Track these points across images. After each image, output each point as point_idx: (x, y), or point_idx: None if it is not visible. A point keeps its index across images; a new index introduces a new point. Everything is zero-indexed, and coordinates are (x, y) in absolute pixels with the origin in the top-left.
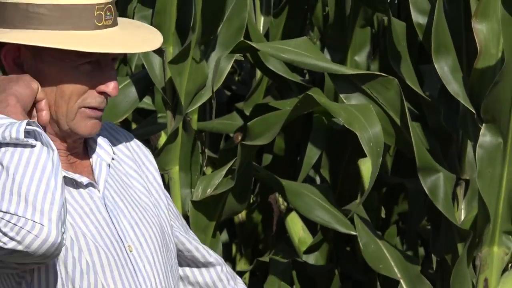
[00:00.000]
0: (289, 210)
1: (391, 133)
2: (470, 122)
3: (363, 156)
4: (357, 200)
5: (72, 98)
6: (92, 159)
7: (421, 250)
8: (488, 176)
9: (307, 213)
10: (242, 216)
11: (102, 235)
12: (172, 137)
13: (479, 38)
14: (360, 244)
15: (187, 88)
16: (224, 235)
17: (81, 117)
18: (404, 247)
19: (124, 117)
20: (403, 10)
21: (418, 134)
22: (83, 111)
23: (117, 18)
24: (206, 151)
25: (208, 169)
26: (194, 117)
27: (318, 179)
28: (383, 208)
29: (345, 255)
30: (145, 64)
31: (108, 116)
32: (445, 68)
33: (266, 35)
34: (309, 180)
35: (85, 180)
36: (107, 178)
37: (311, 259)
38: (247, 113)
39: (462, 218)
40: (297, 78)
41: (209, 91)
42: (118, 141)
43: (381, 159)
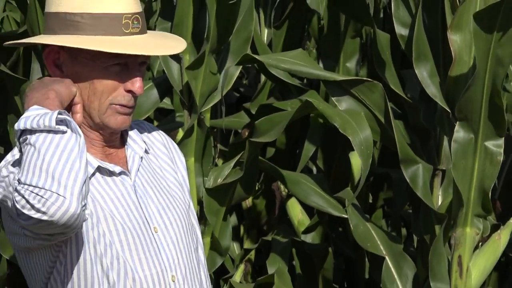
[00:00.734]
0: (289, 196)
1: (377, 130)
2: (446, 120)
3: (353, 150)
4: (348, 189)
5: (103, 95)
6: (127, 152)
7: (403, 231)
8: (461, 167)
9: (305, 199)
10: (249, 201)
11: (130, 217)
12: (188, 133)
13: (454, 48)
14: (351, 225)
15: (201, 90)
16: (233, 218)
17: (112, 112)
18: (388, 228)
19: (147, 115)
20: (387, 23)
21: (401, 131)
22: (113, 107)
23: (152, 30)
24: (218, 145)
25: (220, 161)
26: (207, 116)
27: (314, 169)
28: (370, 194)
29: (338, 235)
30: (165, 69)
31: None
32: (424, 73)
33: (270, 45)
34: (307, 170)
35: (118, 169)
36: (139, 169)
37: (308, 238)
38: (253, 112)
39: (439, 203)
40: (296, 82)
41: (220, 93)
42: (157, 140)
43: (371, 159)
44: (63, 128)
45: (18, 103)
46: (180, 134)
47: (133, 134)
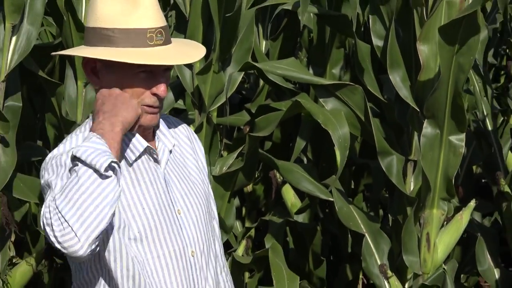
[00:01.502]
0: (284, 182)
1: (358, 127)
2: (416, 118)
3: None
4: (334, 176)
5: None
6: (158, 145)
7: (380, 212)
8: (429, 158)
9: (297, 184)
10: (249, 187)
11: (159, 200)
12: (198, 129)
13: (422, 57)
14: (336, 207)
15: (210, 93)
16: (236, 201)
17: (142, 112)
18: (368, 210)
19: (164, 114)
20: (367, 36)
21: (378, 127)
22: (143, 108)
23: (179, 38)
24: (223, 139)
25: (225, 153)
26: (214, 114)
27: (305, 160)
28: (352, 181)
29: (325, 215)
30: (178, 75)
31: None
32: (397, 78)
33: (267, 54)
34: (299, 160)
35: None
36: (168, 160)
37: (300, 218)
38: (253, 111)
39: (411, 188)
40: (290, 86)
41: (225, 95)
42: (182, 133)
43: (347, 151)
44: (109, 174)
45: (54, 103)
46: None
47: (163, 129)
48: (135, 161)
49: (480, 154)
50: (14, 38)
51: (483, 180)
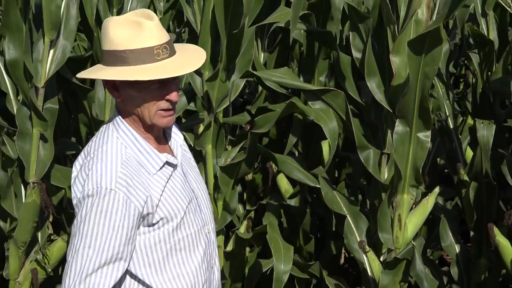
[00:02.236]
0: (278, 172)
1: (340, 125)
2: (389, 118)
3: (324, 139)
4: (321, 167)
5: (150, 106)
6: (171, 142)
7: (359, 197)
8: (400, 151)
9: (290, 174)
10: (250, 176)
11: (185, 192)
12: (207, 127)
13: (394, 66)
14: (322, 193)
15: (217, 97)
16: (239, 187)
17: (159, 117)
18: (349, 195)
19: (178, 115)
20: (348, 49)
21: (357, 125)
22: (159, 113)
23: (183, 44)
24: (228, 135)
25: (229, 147)
26: (220, 115)
27: (296, 153)
28: (336, 171)
29: (313, 200)
30: (190, 81)
31: None
32: (373, 85)
33: (265, 64)
34: (291, 153)
35: (174, 160)
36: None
37: (292, 202)
38: (253, 112)
39: (385, 177)
40: (283, 91)
41: (229, 99)
42: (177, 129)
43: (337, 141)
44: None
45: (85, 106)
46: (201, 128)
47: (174, 128)
48: (159, 170)
49: (443, 149)
50: (51, 51)
51: (445, 170)
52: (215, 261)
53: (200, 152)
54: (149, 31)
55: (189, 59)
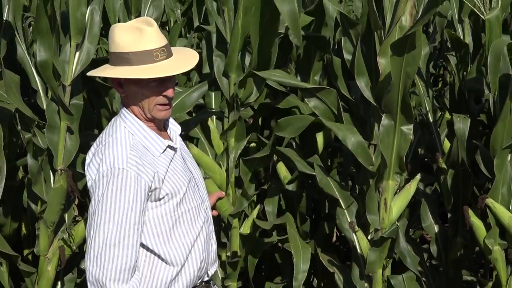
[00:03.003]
0: (278, 161)
1: (332, 119)
2: (376, 113)
3: (318, 132)
4: (316, 156)
5: (149, 101)
6: (170, 132)
7: (350, 182)
8: (386, 142)
9: (288, 162)
10: None
11: (185, 172)
12: (233, 124)
13: (381, 67)
14: (317, 179)
15: (242, 97)
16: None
17: (157, 110)
18: (340, 181)
19: (189, 109)
20: (340, 51)
21: (348, 120)
22: (157, 107)
23: (179, 47)
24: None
25: None
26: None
27: (294, 144)
28: (329, 159)
29: (309, 185)
30: (219, 83)
31: (180, 108)
32: (362, 83)
33: None
34: (289, 145)
35: (174, 145)
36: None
37: (290, 187)
38: (255, 107)
39: (372, 165)
40: (282, 89)
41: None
42: (173, 119)
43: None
44: None
45: (107, 102)
46: (211, 123)
47: (171, 120)
48: (162, 153)
49: (424, 140)
50: (77, 53)
51: (426, 159)
52: (213, 235)
53: (211, 143)
54: (149, 36)
55: (183, 61)
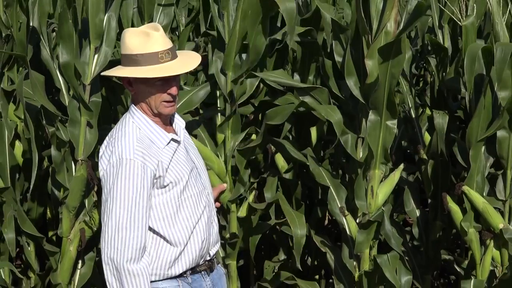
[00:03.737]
0: (276, 152)
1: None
2: (364, 109)
3: (312, 126)
4: (309, 148)
5: (155, 98)
6: (175, 126)
7: (340, 172)
8: (373, 135)
9: (285, 153)
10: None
11: (187, 162)
12: (229, 117)
13: (368, 68)
14: (311, 168)
15: (238, 93)
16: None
17: (163, 107)
18: (332, 170)
19: (195, 106)
20: (331, 54)
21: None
22: (163, 103)
23: (184, 51)
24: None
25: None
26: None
27: (290, 137)
28: (322, 151)
29: (304, 174)
30: (217, 80)
31: (188, 105)
32: (351, 83)
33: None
34: (286, 137)
35: (178, 138)
36: (184, 135)
37: (287, 176)
38: (256, 104)
39: (360, 156)
40: (280, 88)
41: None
42: (178, 114)
43: (341, 128)
44: None
45: (123, 99)
46: (219, 120)
47: (176, 115)
48: (166, 145)
49: (407, 134)
50: (96, 56)
51: (408, 151)
52: (214, 218)
53: (214, 137)
54: (155, 40)
55: (186, 62)
